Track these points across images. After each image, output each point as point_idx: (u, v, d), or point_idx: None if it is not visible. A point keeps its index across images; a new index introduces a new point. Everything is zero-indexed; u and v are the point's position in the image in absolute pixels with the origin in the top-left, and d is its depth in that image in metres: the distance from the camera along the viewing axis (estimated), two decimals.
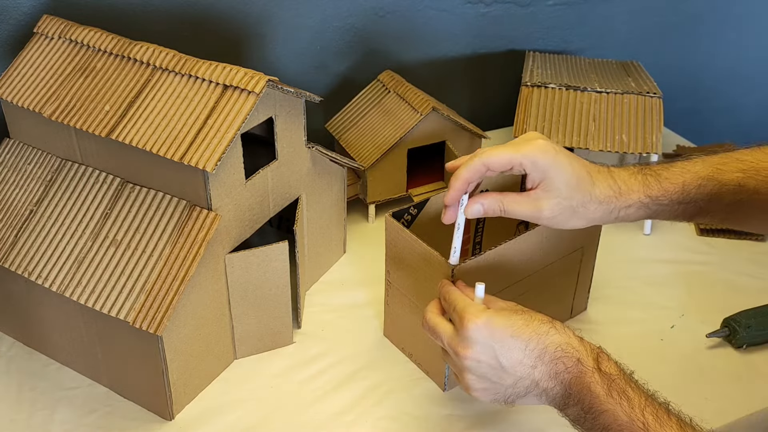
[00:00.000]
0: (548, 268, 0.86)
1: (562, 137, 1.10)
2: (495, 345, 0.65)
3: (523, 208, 0.72)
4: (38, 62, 0.86)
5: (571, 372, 0.64)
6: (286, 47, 1.18)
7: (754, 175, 0.74)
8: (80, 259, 0.78)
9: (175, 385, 0.79)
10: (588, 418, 0.64)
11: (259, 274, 0.83)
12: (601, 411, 0.62)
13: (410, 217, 0.86)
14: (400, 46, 1.27)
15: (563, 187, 0.71)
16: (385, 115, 1.11)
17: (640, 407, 0.62)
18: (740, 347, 0.91)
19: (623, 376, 0.65)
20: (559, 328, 0.67)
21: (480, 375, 0.67)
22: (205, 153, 0.74)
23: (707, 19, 1.50)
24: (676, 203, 0.75)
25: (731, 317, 0.91)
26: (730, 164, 0.75)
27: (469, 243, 0.96)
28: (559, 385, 0.65)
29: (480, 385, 0.67)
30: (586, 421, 0.64)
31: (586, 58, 1.31)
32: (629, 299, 0.99)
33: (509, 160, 0.71)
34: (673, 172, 0.76)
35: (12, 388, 0.84)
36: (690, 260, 1.07)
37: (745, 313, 0.92)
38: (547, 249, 0.84)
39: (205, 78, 0.78)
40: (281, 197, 0.88)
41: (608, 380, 0.63)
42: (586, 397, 0.63)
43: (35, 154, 0.86)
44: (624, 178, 0.74)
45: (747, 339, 0.90)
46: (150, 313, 0.74)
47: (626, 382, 0.64)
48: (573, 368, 0.64)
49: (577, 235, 0.86)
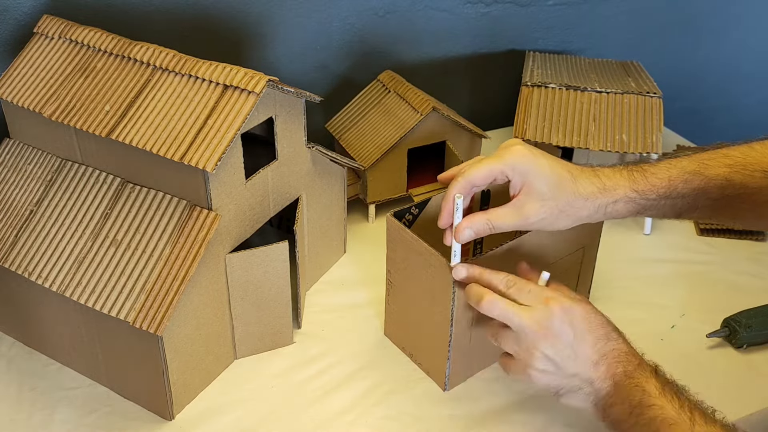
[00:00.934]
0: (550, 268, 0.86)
1: (562, 137, 1.10)
2: (574, 332, 0.67)
3: (510, 219, 0.73)
4: (38, 62, 0.86)
5: (628, 374, 0.66)
6: (286, 47, 1.18)
7: (740, 170, 0.75)
8: (80, 259, 0.78)
9: (175, 385, 0.79)
10: (634, 413, 0.65)
11: (260, 274, 0.83)
12: (649, 405, 0.64)
13: (411, 217, 0.86)
14: (400, 46, 1.27)
15: (545, 188, 0.72)
16: (385, 115, 1.11)
17: (690, 408, 0.64)
18: (740, 347, 0.91)
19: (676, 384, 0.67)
20: (624, 337, 0.70)
21: (549, 357, 0.68)
22: (206, 153, 0.74)
23: (707, 18, 1.50)
24: (663, 198, 0.75)
25: (731, 317, 0.92)
26: (716, 159, 0.76)
27: (470, 243, 0.96)
28: (613, 385, 0.67)
29: (544, 366, 0.69)
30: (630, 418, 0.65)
31: (586, 58, 1.31)
32: (629, 299, 0.99)
33: (490, 172, 0.72)
34: (659, 168, 0.76)
35: (12, 388, 0.84)
36: (690, 260, 1.07)
37: (746, 313, 0.92)
38: (548, 249, 0.84)
39: (205, 78, 0.78)
40: (281, 197, 0.88)
41: (663, 382, 0.66)
42: (638, 394, 0.65)
43: (35, 154, 0.86)
44: (608, 175, 0.75)
45: (747, 339, 0.90)
46: (150, 313, 0.74)
47: (679, 388, 0.66)
48: (631, 372, 0.66)
49: (578, 235, 0.87)
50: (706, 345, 0.92)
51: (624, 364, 0.67)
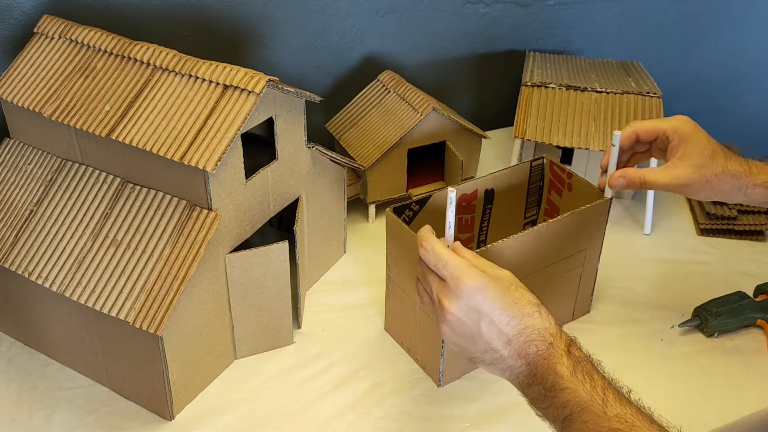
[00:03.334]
0: (549, 268, 0.86)
1: (562, 137, 1.10)
2: (482, 311, 0.67)
3: (662, 178, 0.80)
4: (38, 62, 0.86)
5: (541, 354, 0.66)
6: (286, 47, 1.18)
7: None
8: (80, 259, 0.78)
9: (175, 385, 0.79)
10: (548, 396, 0.65)
11: (260, 274, 0.83)
12: (562, 389, 0.64)
13: (411, 213, 0.86)
14: (400, 46, 1.27)
15: (699, 157, 0.79)
16: (385, 115, 1.11)
17: (602, 388, 0.63)
18: (712, 335, 0.92)
19: (590, 362, 0.66)
20: (544, 313, 0.68)
21: (456, 331, 0.68)
22: (206, 153, 0.74)
23: (707, 19, 1.50)
24: None
25: (702, 306, 0.93)
26: None
27: (473, 241, 0.96)
28: (526, 365, 0.66)
29: (453, 339, 0.69)
30: (545, 400, 0.65)
31: (586, 58, 1.31)
32: (629, 299, 0.99)
33: (654, 129, 0.82)
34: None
35: (12, 387, 0.84)
36: (690, 260, 1.07)
37: (715, 301, 0.94)
38: (547, 249, 0.84)
39: (205, 78, 0.78)
40: (281, 197, 0.88)
41: (575, 362, 0.65)
42: (550, 376, 0.65)
43: (35, 154, 0.86)
44: (755, 163, 0.83)
45: (718, 327, 0.92)
46: (150, 313, 0.74)
47: (592, 367, 0.65)
48: (544, 351, 0.66)
49: (580, 238, 0.87)
50: (706, 345, 0.92)
51: (537, 343, 0.66)
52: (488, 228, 0.96)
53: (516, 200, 0.96)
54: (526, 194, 0.96)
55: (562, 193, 0.94)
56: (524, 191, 0.96)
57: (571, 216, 0.83)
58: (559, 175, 0.93)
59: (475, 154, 1.19)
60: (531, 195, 0.97)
